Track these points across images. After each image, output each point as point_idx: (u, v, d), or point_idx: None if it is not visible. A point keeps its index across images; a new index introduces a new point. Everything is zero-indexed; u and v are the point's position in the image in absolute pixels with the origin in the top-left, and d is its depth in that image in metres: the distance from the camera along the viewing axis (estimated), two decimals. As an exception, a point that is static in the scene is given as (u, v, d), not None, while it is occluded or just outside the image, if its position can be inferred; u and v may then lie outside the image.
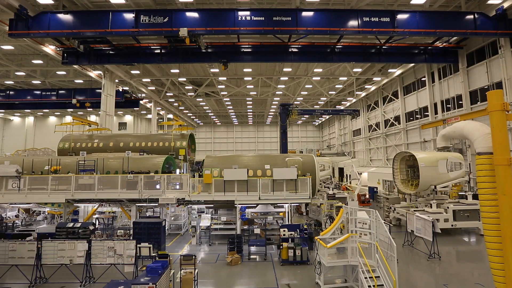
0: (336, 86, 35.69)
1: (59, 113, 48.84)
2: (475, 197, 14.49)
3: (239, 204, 13.57)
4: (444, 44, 21.63)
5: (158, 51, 20.63)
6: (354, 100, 41.38)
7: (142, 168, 15.42)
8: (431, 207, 15.12)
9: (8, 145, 47.57)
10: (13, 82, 31.24)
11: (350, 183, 32.42)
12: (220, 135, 64.61)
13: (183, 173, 16.72)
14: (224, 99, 40.60)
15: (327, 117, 56.32)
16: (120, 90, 29.69)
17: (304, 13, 16.61)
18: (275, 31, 16.67)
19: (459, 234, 15.27)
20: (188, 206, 15.44)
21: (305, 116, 51.75)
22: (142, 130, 52.24)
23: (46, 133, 49.20)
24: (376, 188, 28.65)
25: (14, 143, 46.74)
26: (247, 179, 13.79)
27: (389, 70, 29.79)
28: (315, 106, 46.69)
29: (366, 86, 36.27)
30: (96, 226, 14.15)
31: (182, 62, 19.15)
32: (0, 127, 49.26)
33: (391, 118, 33.58)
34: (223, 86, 35.41)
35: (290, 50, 20.66)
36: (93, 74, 26.79)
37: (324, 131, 64.20)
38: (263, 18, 16.39)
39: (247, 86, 34.83)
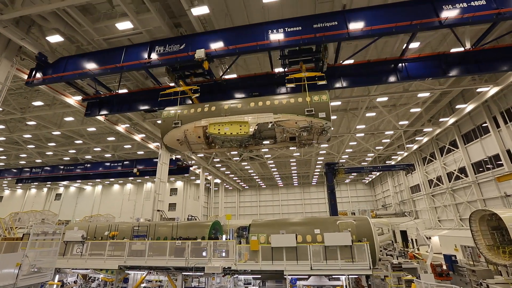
0: (383, 140, 34.16)
1: (122, 181, 54.72)
2: None
3: (288, 275, 12.27)
4: None
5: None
6: (405, 154, 38.51)
7: (190, 234, 15.53)
8: (540, 284, 11.64)
9: (80, 211, 53.51)
10: (90, 157, 36.98)
11: (418, 249, 27.54)
12: (266, 198, 63.76)
13: (229, 239, 16.15)
14: (268, 161, 41.43)
15: (378, 174, 52.50)
16: (173, 158, 32.69)
17: (355, 13, 12.13)
18: (317, 39, 11.92)
19: None
20: (234, 276, 14.47)
21: (353, 174, 49.12)
22: (191, 195, 54.59)
23: (110, 199, 54.69)
24: (455, 256, 23.64)
25: (84, 210, 52.55)
26: (296, 245, 12.74)
27: (441, 120, 27.89)
28: (362, 163, 44.41)
29: (417, 138, 33.96)
30: (143, 297, 13.87)
31: (208, 101, 14.50)
32: (74, 196, 56.53)
33: (455, 170, 29.78)
34: (267, 150, 36.62)
35: (337, 72, 15.13)
36: (152, 146, 30.42)
37: (377, 189, 59.01)
38: (300, 28, 12.30)
39: (290, 148, 35.40)
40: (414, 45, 16.08)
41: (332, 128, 13.10)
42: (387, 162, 44.29)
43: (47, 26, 14.30)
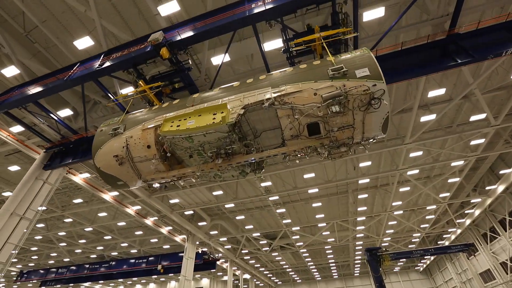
0: (427, 217, 30.62)
1: (144, 281, 51.01)
2: None
3: None
4: None
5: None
6: (459, 231, 33.40)
7: None
8: None
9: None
10: (117, 253, 36.13)
11: None
12: (303, 296, 54.78)
13: None
14: (301, 250, 37.58)
15: (432, 258, 44.71)
16: (199, 251, 30.93)
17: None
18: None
19: None
20: None
21: (401, 260, 42.41)
22: (217, 295, 48.62)
23: (130, 306, 49.81)
24: None
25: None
26: None
27: (487, 188, 25.17)
28: (409, 246, 38.74)
29: (466, 211, 30.11)
30: None
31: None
32: (94, 302, 52.29)
33: (529, 249, 24.71)
34: (298, 237, 33.93)
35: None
36: (179, 239, 29.55)
37: (436, 279, 48.90)
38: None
39: (323, 233, 32.62)
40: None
41: (385, 91, 6.09)
42: (439, 242, 38.36)
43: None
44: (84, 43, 12.17)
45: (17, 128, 14.88)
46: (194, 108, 7.23)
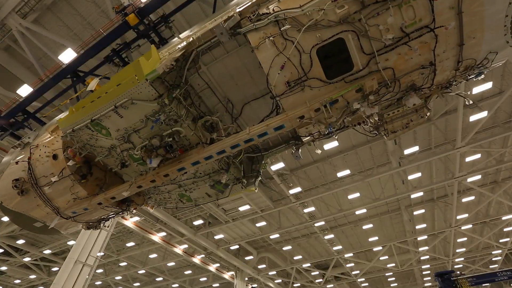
0: (505, 229, 26.20)
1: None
2: None
3: None
4: None
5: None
6: (553, 244, 27.78)
7: None
8: None
9: None
10: (168, 297, 36.28)
11: None
12: (370, 334, 48.26)
13: None
14: (359, 280, 34.12)
15: (525, 280, 37.14)
16: (249, 288, 29.79)
17: None
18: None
19: None
20: None
21: (484, 285, 36.01)
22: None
23: None
24: None
25: None
26: None
27: None
28: (490, 267, 32.92)
29: (557, 219, 25.19)
30: None
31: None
32: None
33: None
34: (352, 264, 31.13)
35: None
36: (227, 276, 28.99)
37: (538, 307, 39.97)
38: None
39: (381, 258, 29.48)
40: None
41: None
42: (529, 260, 32.06)
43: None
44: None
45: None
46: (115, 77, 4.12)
